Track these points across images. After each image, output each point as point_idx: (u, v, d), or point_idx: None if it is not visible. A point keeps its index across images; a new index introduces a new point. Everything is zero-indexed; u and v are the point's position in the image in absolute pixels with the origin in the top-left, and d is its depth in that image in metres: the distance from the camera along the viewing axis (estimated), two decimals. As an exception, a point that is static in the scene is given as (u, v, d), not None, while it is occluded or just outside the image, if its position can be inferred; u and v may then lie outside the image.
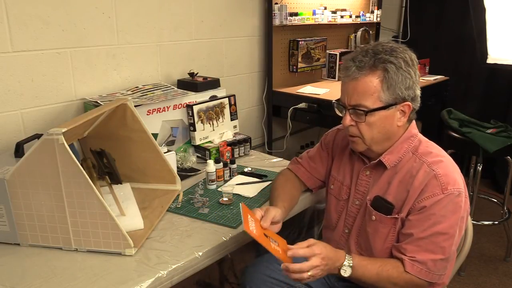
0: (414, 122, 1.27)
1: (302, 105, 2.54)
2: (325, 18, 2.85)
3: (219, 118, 2.10)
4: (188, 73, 2.13)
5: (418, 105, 1.22)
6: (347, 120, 1.20)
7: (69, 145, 1.13)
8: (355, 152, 1.34)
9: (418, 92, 1.21)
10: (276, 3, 2.56)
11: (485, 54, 2.97)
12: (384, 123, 1.19)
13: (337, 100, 1.27)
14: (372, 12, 3.33)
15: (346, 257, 1.14)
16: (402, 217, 1.19)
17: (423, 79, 3.03)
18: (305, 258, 1.10)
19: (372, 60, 1.15)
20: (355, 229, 1.31)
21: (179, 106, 1.97)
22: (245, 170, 1.85)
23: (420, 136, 1.26)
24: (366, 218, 1.26)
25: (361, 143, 1.23)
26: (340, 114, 1.27)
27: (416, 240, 1.14)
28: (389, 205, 1.20)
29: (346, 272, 1.13)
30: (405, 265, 1.14)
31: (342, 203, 1.36)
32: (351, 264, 1.14)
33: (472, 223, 1.39)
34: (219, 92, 2.12)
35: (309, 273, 1.08)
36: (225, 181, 1.74)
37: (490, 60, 2.98)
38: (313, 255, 1.09)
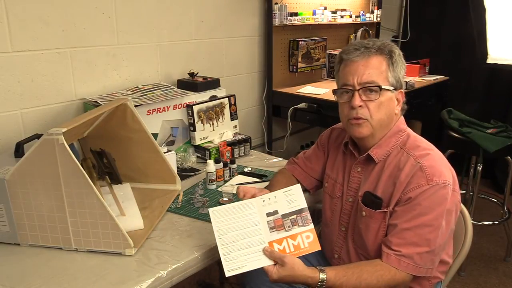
0: (402, 118, 1.30)
1: (302, 105, 2.54)
2: (325, 18, 2.85)
3: (219, 118, 2.10)
4: (188, 73, 2.13)
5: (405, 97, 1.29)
6: (357, 100, 1.20)
7: (69, 145, 1.13)
8: (347, 149, 1.35)
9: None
10: (276, 3, 2.56)
11: (485, 54, 2.97)
12: (389, 105, 1.22)
13: (337, 89, 1.27)
14: (372, 12, 3.33)
15: (319, 281, 1.11)
16: (390, 211, 1.19)
17: (423, 79, 3.02)
18: None
19: (377, 44, 1.22)
20: (350, 226, 1.32)
21: (179, 106, 1.97)
22: (245, 170, 1.85)
23: (409, 131, 1.28)
24: (358, 214, 1.27)
25: (367, 125, 1.22)
26: (342, 101, 1.25)
27: (400, 231, 1.14)
28: (377, 200, 1.21)
29: None
30: (391, 261, 1.14)
31: (335, 200, 1.37)
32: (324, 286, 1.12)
33: (472, 223, 1.38)
34: (219, 92, 2.12)
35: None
36: (225, 181, 1.74)
37: (490, 60, 2.98)
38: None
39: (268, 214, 1.21)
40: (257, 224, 1.19)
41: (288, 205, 1.21)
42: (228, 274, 1.12)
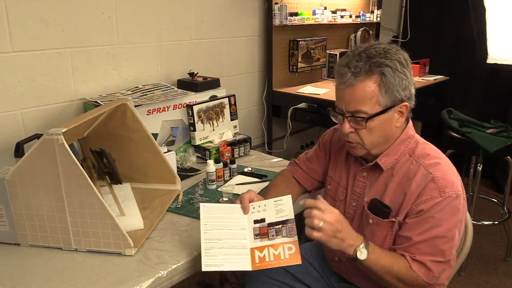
0: (411, 122, 1.26)
1: (302, 105, 2.54)
2: (325, 18, 2.85)
3: (219, 118, 2.10)
4: (188, 73, 2.13)
5: (413, 103, 1.21)
6: (346, 127, 1.18)
7: (69, 145, 1.13)
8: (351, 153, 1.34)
9: (413, 91, 1.20)
10: (276, 3, 2.56)
11: (485, 54, 2.97)
12: (384, 126, 1.18)
13: (333, 108, 1.24)
14: (372, 12, 3.33)
15: (364, 240, 1.12)
16: (399, 221, 1.18)
17: (423, 79, 3.02)
18: None
19: (367, 65, 1.12)
20: None
21: (179, 106, 1.97)
22: (245, 170, 1.85)
23: (417, 137, 1.25)
24: (363, 221, 1.25)
25: (360, 148, 1.22)
26: (337, 121, 1.25)
27: (415, 244, 1.13)
28: (386, 209, 1.19)
29: (362, 254, 1.10)
30: (409, 262, 1.13)
31: (338, 203, 1.36)
32: (368, 248, 1.11)
33: (472, 223, 1.38)
34: (219, 92, 2.12)
35: (320, 224, 1.06)
36: (225, 181, 1.74)
37: (490, 60, 2.98)
38: (330, 212, 1.09)
39: (256, 222, 1.22)
40: (243, 229, 1.20)
41: (275, 215, 1.21)
42: (204, 268, 1.13)
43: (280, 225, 1.19)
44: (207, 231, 1.18)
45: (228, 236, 1.18)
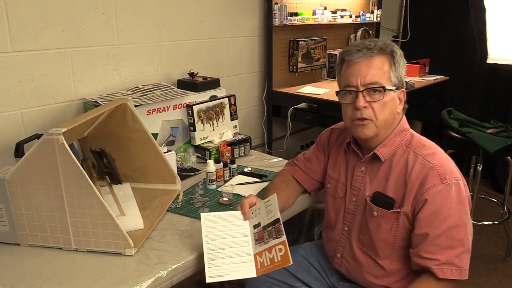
0: (405, 117, 1.30)
1: (302, 105, 2.54)
2: (325, 18, 2.85)
3: (219, 118, 2.10)
4: (188, 73, 2.13)
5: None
6: (361, 101, 1.20)
7: (69, 145, 1.13)
8: (349, 149, 1.35)
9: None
10: (276, 3, 2.56)
11: (485, 54, 2.97)
12: (393, 105, 1.23)
13: (340, 91, 1.28)
14: (372, 12, 3.33)
15: None
16: (405, 211, 1.18)
17: (423, 79, 3.02)
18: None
19: (379, 44, 1.22)
20: (355, 226, 1.31)
21: (179, 106, 1.97)
22: (245, 170, 1.85)
23: (412, 131, 1.29)
24: (367, 214, 1.26)
25: (372, 126, 1.22)
26: (345, 101, 1.25)
27: (433, 239, 1.13)
28: (390, 200, 1.21)
29: None
30: (437, 274, 1.12)
31: (338, 201, 1.37)
32: None
33: (472, 223, 1.38)
34: (219, 92, 2.12)
35: None
36: (225, 181, 1.74)
37: (490, 60, 2.98)
38: None
39: (255, 227, 1.22)
40: (245, 236, 1.20)
41: (267, 216, 1.21)
42: (209, 280, 1.12)
43: (271, 227, 1.19)
44: (209, 241, 1.18)
45: (231, 244, 1.18)
